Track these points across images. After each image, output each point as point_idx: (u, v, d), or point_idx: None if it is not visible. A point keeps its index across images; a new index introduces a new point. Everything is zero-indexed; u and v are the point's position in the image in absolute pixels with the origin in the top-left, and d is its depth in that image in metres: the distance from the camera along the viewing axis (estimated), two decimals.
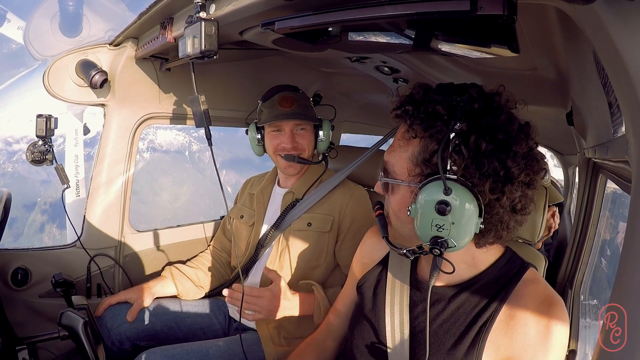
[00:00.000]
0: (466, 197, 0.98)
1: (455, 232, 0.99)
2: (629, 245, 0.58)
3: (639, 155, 0.61)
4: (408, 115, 1.08)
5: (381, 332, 1.25)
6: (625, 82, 0.57)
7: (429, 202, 1.00)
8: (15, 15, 7.29)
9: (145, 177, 24.82)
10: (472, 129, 0.99)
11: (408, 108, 1.09)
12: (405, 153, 1.10)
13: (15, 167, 21.08)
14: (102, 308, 2.02)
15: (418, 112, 1.06)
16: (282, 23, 1.07)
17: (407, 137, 1.10)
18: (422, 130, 1.05)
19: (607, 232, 2.51)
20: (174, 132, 24.79)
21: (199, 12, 1.26)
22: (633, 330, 0.52)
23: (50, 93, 2.06)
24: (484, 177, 0.99)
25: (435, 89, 1.09)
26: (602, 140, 1.23)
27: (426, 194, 1.01)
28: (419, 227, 1.03)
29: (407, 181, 1.10)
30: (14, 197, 1.67)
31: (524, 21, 1.03)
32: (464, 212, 0.98)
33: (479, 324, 1.11)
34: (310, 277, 1.98)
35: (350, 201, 2.01)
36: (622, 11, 0.53)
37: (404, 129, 1.12)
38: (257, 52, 1.95)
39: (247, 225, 2.17)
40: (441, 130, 1.02)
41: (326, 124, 2.08)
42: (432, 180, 1.01)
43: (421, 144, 1.06)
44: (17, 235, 20.27)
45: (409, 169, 1.09)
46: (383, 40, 1.23)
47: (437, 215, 0.99)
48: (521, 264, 1.17)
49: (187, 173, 23.49)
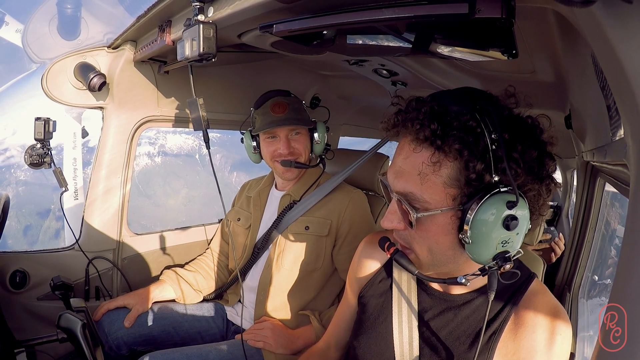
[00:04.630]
0: (524, 205, 0.95)
1: (517, 241, 0.97)
2: (628, 245, 0.58)
3: (637, 159, 0.61)
4: (436, 137, 0.95)
5: (389, 340, 1.22)
6: (623, 85, 0.57)
7: (494, 219, 0.92)
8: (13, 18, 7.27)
9: (156, 180, 24.90)
10: (515, 136, 0.94)
11: (434, 127, 0.95)
12: (438, 179, 0.97)
13: (26, 174, 21.08)
14: (100, 313, 2.01)
15: (449, 131, 0.94)
16: (281, 26, 1.07)
17: (435, 160, 0.96)
18: (459, 150, 0.93)
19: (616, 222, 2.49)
20: (183, 136, 24.90)
21: (197, 15, 1.26)
22: (633, 330, 0.52)
23: (49, 96, 2.06)
24: (536, 181, 0.97)
25: (445, 99, 1.00)
26: (601, 144, 1.23)
27: (487, 212, 0.93)
28: (479, 250, 0.96)
29: (451, 206, 0.98)
30: (27, 205, 1.67)
31: (522, 24, 1.03)
32: (524, 221, 0.95)
33: (489, 332, 1.11)
34: (308, 281, 1.98)
35: (349, 205, 2.01)
36: (621, 14, 0.53)
37: (429, 152, 0.97)
38: (255, 55, 1.95)
39: (244, 227, 2.17)
40: (477, 144, 0.93)
41: (321, 126, 2.07)
42: (489, 197, 0.93)
43: (460, 165, 0.95)
44: (33, 243, 20.30)
45: (448, 193, 0.97)
46: (381, 43, 1.23)
47: (505, 232, 0.93)
48: (528, 274, 1.16)
49: (198, 175, 23.58)
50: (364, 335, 1.29)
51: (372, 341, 1.26)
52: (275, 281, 1.98)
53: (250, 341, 1.89)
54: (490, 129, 0.93)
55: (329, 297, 2.05)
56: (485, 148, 0.93)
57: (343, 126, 3.11)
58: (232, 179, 23.94)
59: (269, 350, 1.89)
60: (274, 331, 1.91)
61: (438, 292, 1.20)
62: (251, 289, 2.05)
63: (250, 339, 1.90)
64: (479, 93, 1.03)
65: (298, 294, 1.98)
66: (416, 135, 0.98)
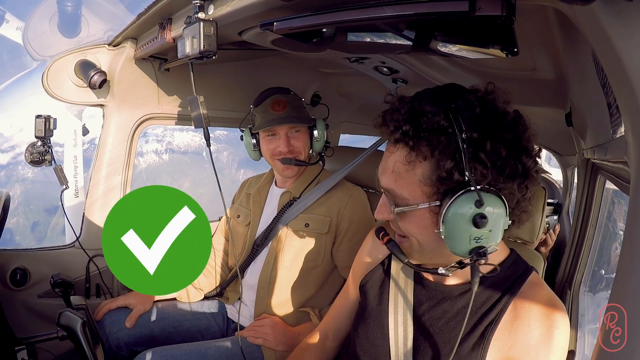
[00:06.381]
0: (497, 203, 0.96)
1: (493, 238, 0.98)
2: (628, 245, 0.58)
3: (637, 156, 0.61)
4: (409, 137, 1.00)
5: (384, 331, 1.25)
6: (624, 82, 0.57)
7: (463, 217, 0.96)
8: (14, 15, 7.28)
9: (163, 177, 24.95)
10: (485, 135, 0.96)
11: (406, 129, 1.01)
12: (414, 177, 1.03)
13: (34, 171, 21.18)
14: (101, 312, 2.01)
15: (419, 132, 0.99)
16: (281, 24, 1.07)
17: (410, 159, 1.02)
18: (429, 150, 0.99)
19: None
20: (190, 134, 24.94)
21: (197, 13, 1.26)
22: (633, 330, 0.52)
23: (49, 93, 2.06)
24: (508, 180, 0.98)
25: (423, 99, 1.02)
26: (601, 141, 1.23)
27: (457, 211, 0.96)
28: (454, 244, 0.99)
29: (426, 202, 1.03)
30: (34, 201, 1.68)
31: (523, 22, 1.03)
32: (498, 218, 0.97)
33: (485, 323, 1.12)
34: (308, 278, 1.98)
35: (349, 202, 2.01)
36: (621, 12, 0.53)
37: (404, 152, 1.03)
38: (256, 52, 1.94)
39: (244, 225, 2.17)
40: (449, 144, 0.97)
41: (320, 124, 2.06)
42: (459, 196, 0.96)
43: (431, 164, 1.00)
44: (40, 239, 20.42)
45: (424, 191, 1.03)
46: (382, 40, 1.23)
47: (475, 229, 0.95)
48: (526, 267, 1.18)
49: (205, 173, 23.69)
50: (362, 325, 1.32)
51: (370, 331, 1.29)
52: (275, 278, 1.98)
53: (250, 338, 1.89)
54: (463, 128, 0.96)
55: (328, 295, 2.05)
56: (457, 148, 0.96)
57: (343, 124, 3.11)
58: (239, 176, 23.93)
59: (269, 347, 1.89)
60: (273, 328, 1.91)
61: (433, 284, 1.22)
62: (251, 287, 2.05)
63: (250, 335, 1.90)
64: (459, 90, 1.04)
65: (298, 291, 1.98)
66: (393, 135, 1.04)
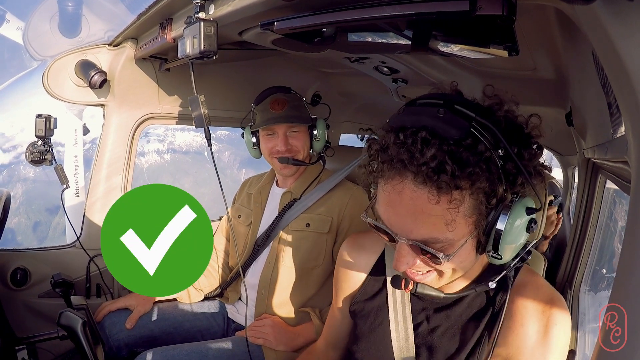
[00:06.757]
0: (534, 203, 0.97)
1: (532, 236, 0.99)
2: (628, 245, 0.58)
3: (638, 156, 0.61)
4: (451, 177, 0.86)
5: (387, 343, 1.21)
6: (624, 82, 0.57)
7: (520, 229, 0.93)
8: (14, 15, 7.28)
9: (165, 176, 24.99)
10: (515, 143, 0.92)
11: (448, 168, 0.85)
12: (457, 214, 0.90)
13: (36, 171, 21.24)
14: (102, 314, 2.01)
15: (463, 166, 0.86)
16: (281, 24, 1.07)
17: (451, 199, 0.89)
18: (469, 182, 0.87)
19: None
20: (192, 133, 25.01)
21: (198, 13, 1.26)
22: (633, 330, 0.52)
23: (50, 93, 2.06)
24: (536, 177, 0.97)
25: (440, 124, 0.89)
26: (602, 141, 1.23)
27: (513, 226, 0.92)
28: (507, 255, 0.97)
29: (474, 231, 0.94)
30: (36, 201, 1.68)
31: (523, 22, 1.03)
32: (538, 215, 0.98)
33: (481, 328, 1.10)
34: (309, 278, 1.98)
35: (350, 202, 2.01)
36: (621, 11, 0.53)
37: (438, 194, 0.88)
38: (256, 52, 1.95)
39: (245, 224, 2.17)
40: (489, 168, 0.88)
41: (320, 123, 2.06)
42: (511, 211, 0.92)
43: (478, 195, 0.90)
44: (42, 239, 20.50)
45: (469, 222, 0.93)
46: (382, 40, 1.23)
47: (527, 234, 0.96)
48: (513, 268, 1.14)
49: (207, 172, 23.72)
50: (362, 340, 1.28)
51: (371, 345, 1.25)
52: (276, 278, 1.98)
53: (250, 338, 1.89)
54: (492, 144, 0.89)
55: (329, 294, 2.02)
56: (496, 167, 0.89)
57: (344, 123, 3.11)
58: (240, 175, 23.98)
59: (270, 347, 1.89)
60: (274, 328, 1.92)
61: (428, 295, 1.19)
62: (252, 286, 2.05)
63: (250, 335, 1.90)
64: (464, 105, 0.94)
65: (299, 291, 1.98)
66: (427, 179, 0.87)
